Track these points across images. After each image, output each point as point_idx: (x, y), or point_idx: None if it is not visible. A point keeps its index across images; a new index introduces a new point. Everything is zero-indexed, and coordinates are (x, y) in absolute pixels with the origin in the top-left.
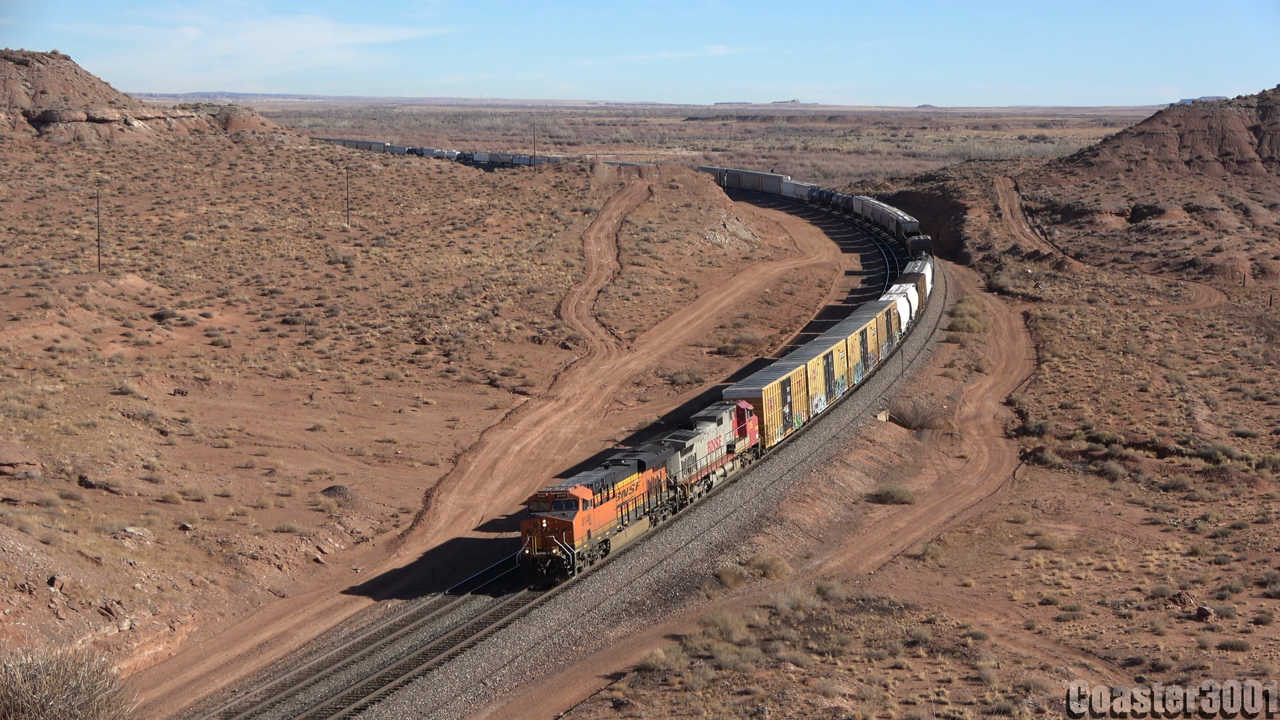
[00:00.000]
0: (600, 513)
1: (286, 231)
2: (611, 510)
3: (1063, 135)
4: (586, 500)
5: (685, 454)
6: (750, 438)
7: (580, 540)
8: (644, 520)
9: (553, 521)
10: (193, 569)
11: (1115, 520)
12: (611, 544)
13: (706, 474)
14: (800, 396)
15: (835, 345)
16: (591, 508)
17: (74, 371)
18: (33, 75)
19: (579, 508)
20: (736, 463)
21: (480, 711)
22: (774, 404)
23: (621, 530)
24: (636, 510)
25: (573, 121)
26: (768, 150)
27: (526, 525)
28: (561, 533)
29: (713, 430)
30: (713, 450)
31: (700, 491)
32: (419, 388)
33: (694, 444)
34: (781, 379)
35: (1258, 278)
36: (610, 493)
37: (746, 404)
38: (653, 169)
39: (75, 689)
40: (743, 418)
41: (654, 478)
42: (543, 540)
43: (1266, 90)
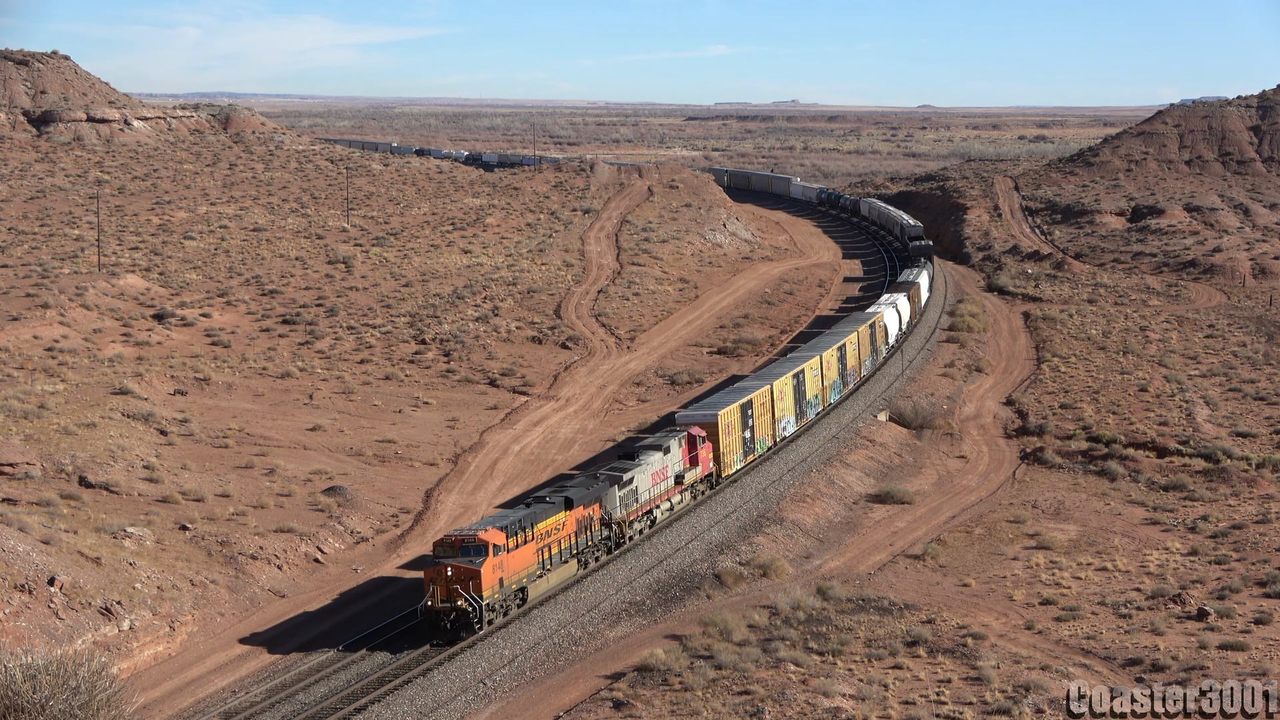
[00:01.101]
0: (516, 558)
1: (286, 231)
2: (530, 554)
3: (1063, 135)
4: (498, 545)
5: (623, 488)
6: (704, 467)
7: (490, 590)
8: (571, 564)
9: (458, 569)
10: (193, 569)
11: (1115, 520)
12: (530, 592)
13: (649, 508)
14: (764, 420)
15: (808, 363)
16: (504, 553)
17: (74, 371)
18: (33, 75)
19: (489, 554)
20: (686, 495)
21: (480, 711)
22: (732, 429)
23: (542, 576)
24: (562, 553)
25: (573, 121)
26: (768, 150)
27: (430, 573)
28: (468, 582)
29: (658, 460)
30: (658, 482)
31: (642, 529)
32: (419, 388)
33: (634, 476)
34: (742, 401)
35: (1258, 278)
36: (529, 535)
37: (699, 430)
38: (653, 169)
39: (75, 689)
40: (694, 445)
41: (584, 515)
42: (447, 590)
43: (1266, 90)
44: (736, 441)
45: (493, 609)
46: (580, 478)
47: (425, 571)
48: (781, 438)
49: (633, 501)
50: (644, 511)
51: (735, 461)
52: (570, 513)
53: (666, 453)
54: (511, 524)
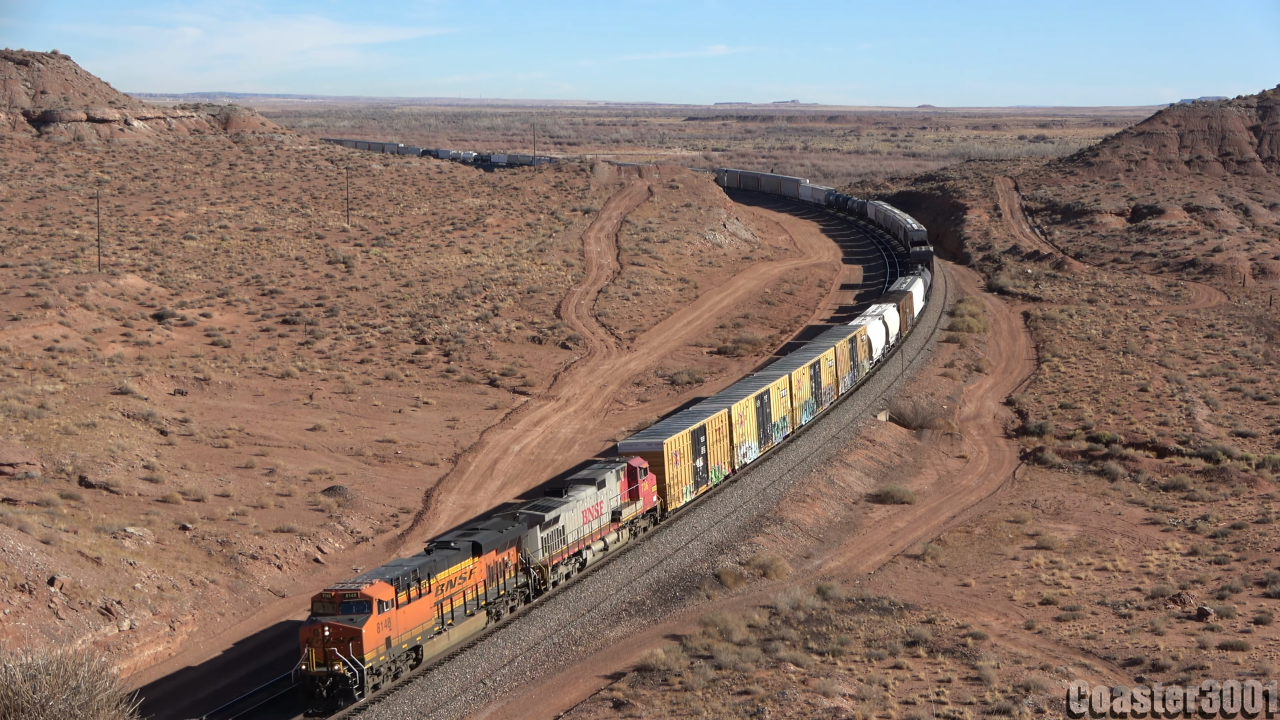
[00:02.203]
0: (408, 614)
1: (286, 231)
2: (426, 609)
3: (1063, 135)
4: (384, 600)
5: (546, 528)
6: (645, 501)
7: (374, 652)
8: (479, 616)
9: (336, 629)
10: (193, 569)
11: (1115, 520)
12: (425, 651)
13: (578, 549)
14: (720, 446)
15: (774, 383)
16: (392, 609)
17: (74, 371)
18: (33, 75)
19: (373, 610)
20: (624, 533)
21: (480, 711)
22: (680, 458)
23: (442, 632)
24: (467, 605)
25: (573, 121)
26: (768, 150)
27: (305, 633)
28: (348, 643)
29: (590, 496)
30: (589, 520)
31: (569, 572)
32: (419, 388)
33: (560, 514)
34: (693, 428)
35: (1258, 278)
36: (425, 586)
37: (641, 461)
38: (653, 169)
39: (75, 689)
40: (634, 477)
41: (497, 561)
42: (323, 653)
43: (1266, 90)
44: (686, 471)
45: (377, 673)
46: (496, 518)
47: (301, 631)
48: (742, 465)
49: (558, 543)
50: (572, 553)
51: (684, 494)
52: (479, 559)
53: (600, 487)
54: (404, 575)
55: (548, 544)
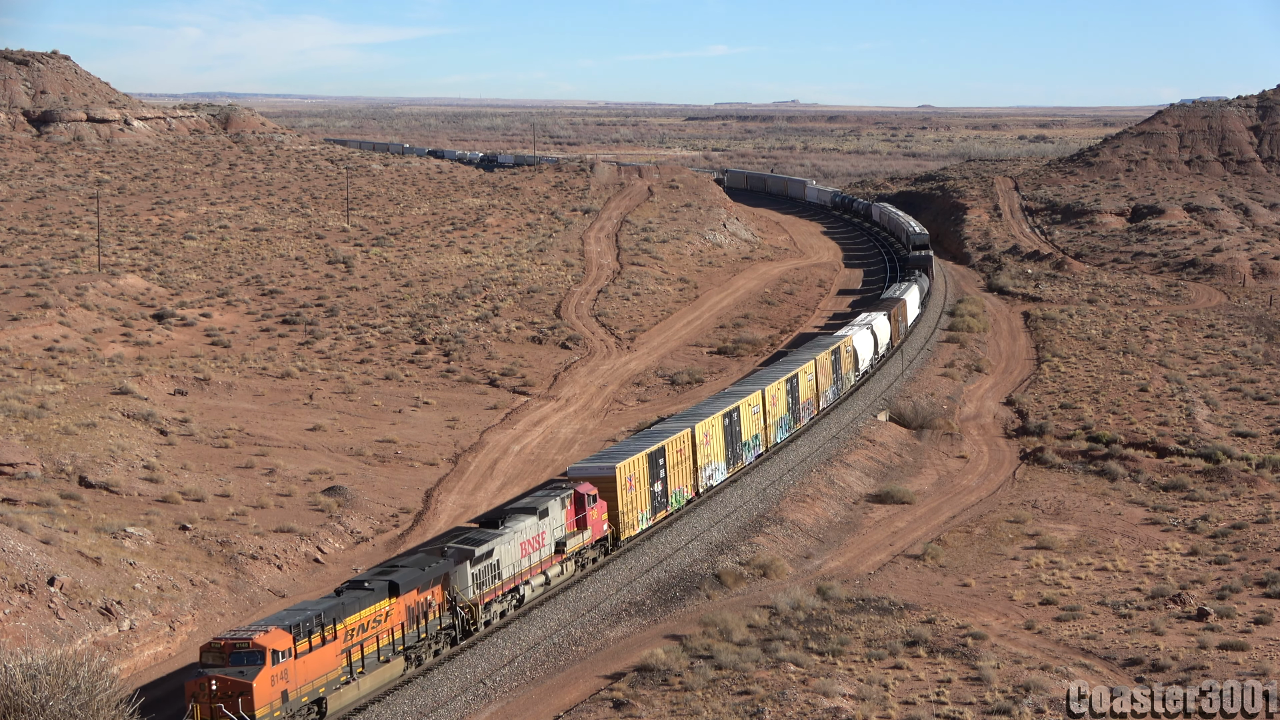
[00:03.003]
0: (309, 664)
1: (286, 231)
2: (331, 657)
3: (1063, 135)
4: (280, 650)
5: (478, 563)
6: (595, 530)
7: (267, 707)
8: (396, 663)
9: (224, 683)
10: (193, 569)
11: (1115, 520)
12: (330, 703)
13: (515, 585)
14: (682, 469)
15: (745, 399)
16: (289, 659)
17: (74, 371)
18: (33, 75)
19: (265, 661)
20: (570, 564)
21: (480, 711)
22: (636, 482)
23: (350, 682)
24: (382, 650)
25: (573, 121)
26: (768, 150)
27: (191, 687)
28: (237, 699)
29: (530, 526)
30: (530, 552)
31: (504, 610)
32: (419, 388)
33: (495, 547)
34: (650, 450)
35: (1258, 278)
36: (330, 633)
37: (589, 487)
38: (653, 169)
39: (75, 689)
40: (582, 505)
41: (419, 601)
42: (209, 709)
43: (1266, 90)
44: (642, 497)
45: None
46: (421, 554)
47: (186, 684)
48: (707, 488)
49: (492, 579)
50: (507, 590)
51: (639, 521)
52: (397, 600)
53: (543, 516)
54: (305, 620)
55: (479, 580)
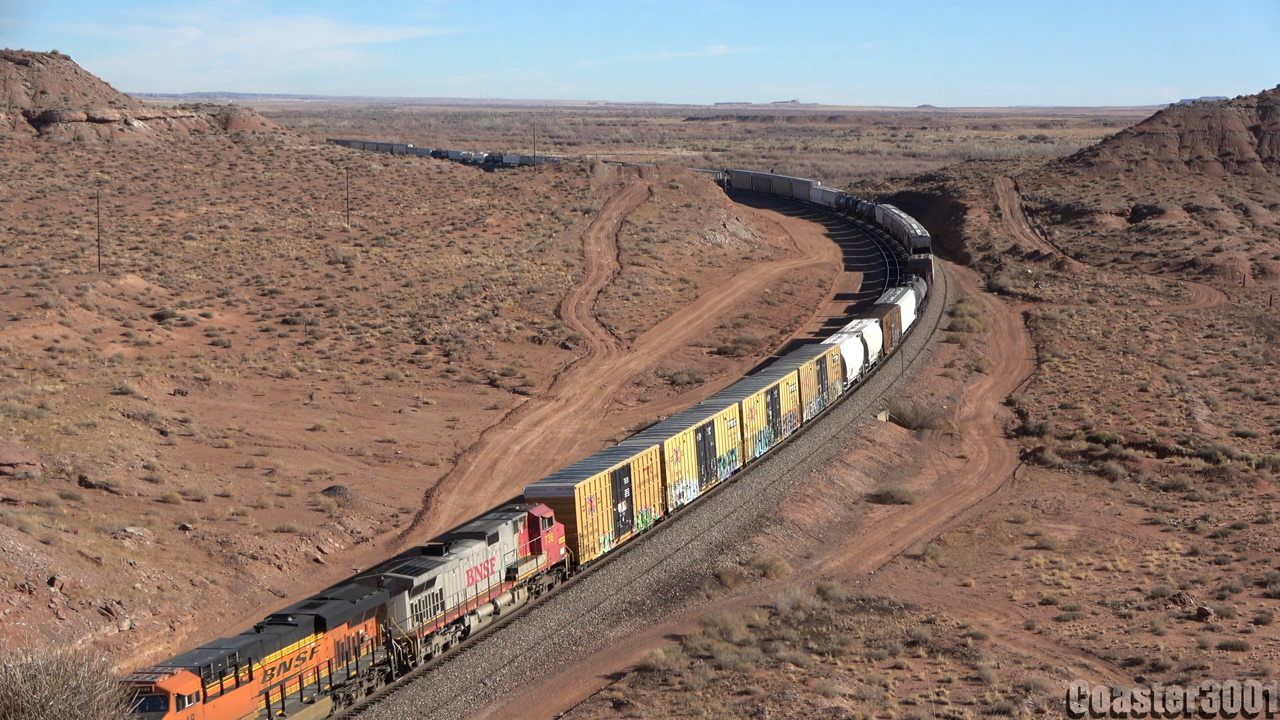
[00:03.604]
0: (220, 708)
1: (286, 231)
2: (246, 700)
3: (1063, 135)
4: (185, 695)
5: (418, 593)
6: (551, 554)
7: None
8: (323, 703)
9: None
10: (193, 569)
11: (1115, 520)
12: None
13: (461, 615)
14: (649, 488)
15: (720, 413)
16: (196, 704)
17: (74, 371)
18: (33, 75)
19: (170, 707)
20: (522, 592)
21: (480, 711)
22: (597, 503)
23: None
24: (306, 690)
25: (573, 121)
26: (768, 150)
27: None
28: None
29: (477, 552)
30: (477, 580)
31: (447, 643)
32: (419, 388)
33: (437, 576)
34: (614, 468)
35: (1258, 278)
36: (246, 673)
37: (545, 509)
38: (653, 169)
39: (75, 689)
40: (537, 528)
41: (350, 636)
42: None
43: (1266, 90)
44: (604, 518)
45: None
46: (355, 584)
47: None
48: (678, 506)
49: (434, 609)
50: (452, 620)
51: (601, 544)
52: (324, 635)
53: (492, 541)
54: (217, 661)
55: (420, 611)
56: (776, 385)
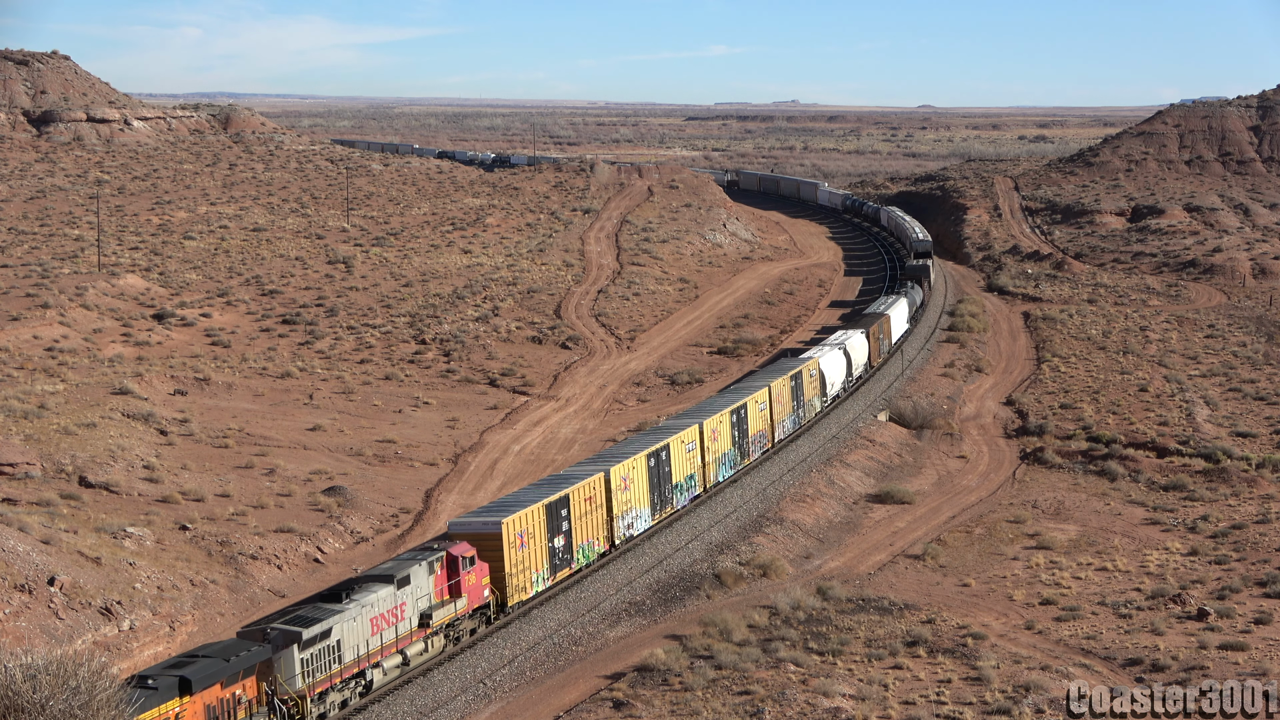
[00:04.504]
0: None
1: (286, 231)
2: None
3: (1063, 135)
4: None
5: (309, 646)
6: (472, 597)
7: None
8: None
9: None
10: (193, 569)
11: (1115, 520)
12: None
13: (363, 668)
14: (592, 519)
15: (677, 435)
16: None
17: (74, 371)
18: (33, 75)
19: None
20: (438, 639)
21: (480, 711)
22: (529, 539)
23: None
24: None
25: (573, 121)
26: (768, 150)
27: None
28: None
29: (384, 598)
30: (384, 628)
31: (345, 700)
32: (419, 388)
33: (334, 626)
34: (549, 500)
35: (1258, 278)
36: None
37: (466, 548)
38: (653, 169)
39: (75, 689)
40: (456, 569)
41: (222, 698)
42: None
43: (1266, 90)
44: (537, 555)
45: None
46: (234, 640)
47: None
48: (626, 538)
49: (329, 663)
50: (351, 675)
51: (534, 583)
52: (192, 699)
53: (402, 585)
54: None
55: (312, 666)
56: (744, 404)
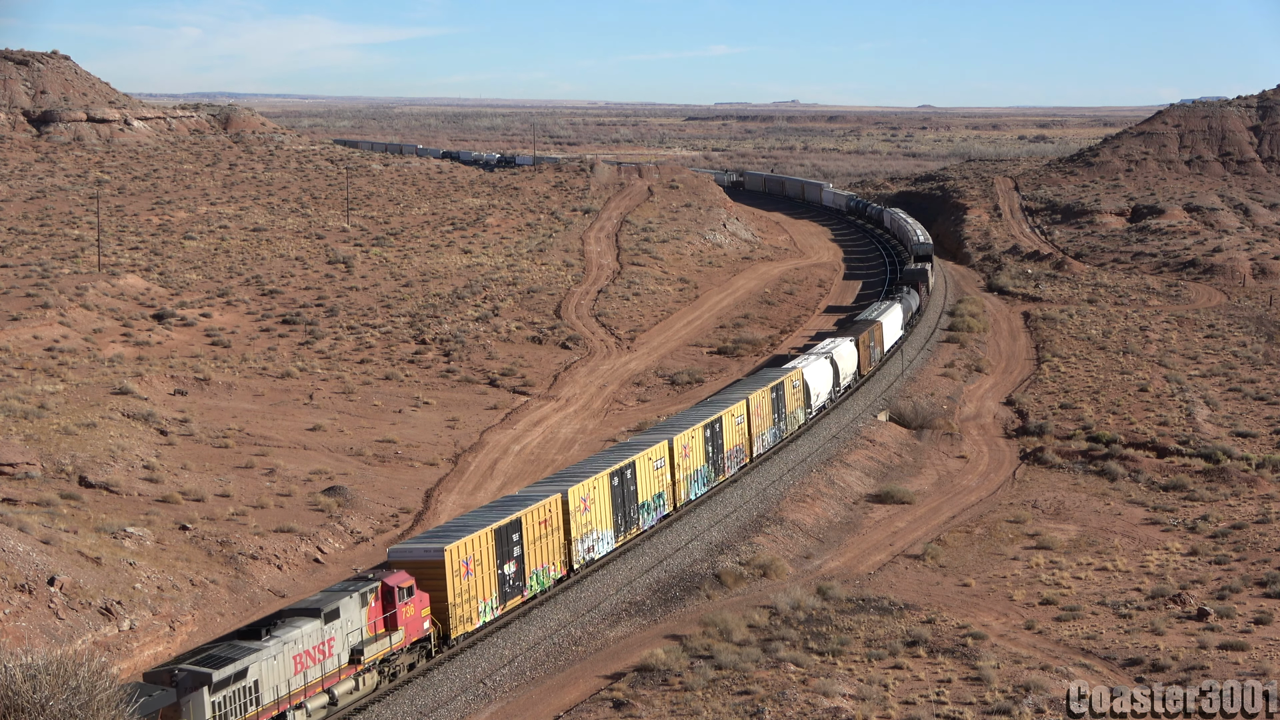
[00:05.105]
0: None
1: (286, 231)
2: None
3: (1063, 135)
4: None
5: (221, 689)
6: (411, 629)
7: None
8: None
9: None
10: (193, 569)
11: (1115, 520)
12: None
13: (283, 710)
14: (548, 543)
15: (644, 453)
16: None
17: (74, 371)
18: (33, 75)
19: None
20: (371, 676)
21: (480, 711)
22: (475, 566)
23: None
24: None
25: (573, 121)
26: (768, 150)
27: None
28: None
29: (311, 633)
30: (309, 666)
31: None
32: (419, 388)
33: (250, 666)
34: (498, 524)
35: (1258, 278)
36: None
37: (404, 577)
38: (653, 169)
39: (75, 689)
40: (391, 600)
41: None
42: None
43: (1266, 90)
44: (484, 583)
45: None
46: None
47: None
48: (586, 562)
49: (245, 706)
50: (271, 717)
51: (480, 613)
52: None
53: (330, 619)
54: None
55: (225, 710)
56: (719, 418)
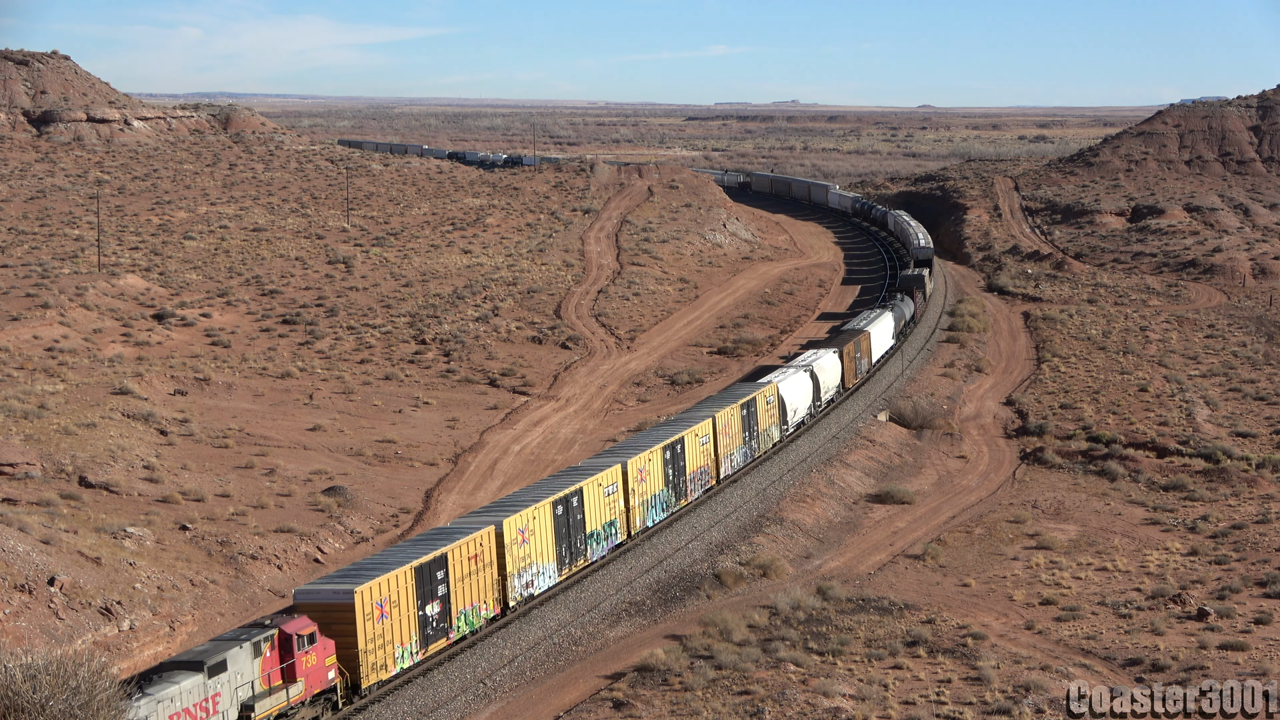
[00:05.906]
0: None
1: (286, 231)
2: None
3: (1063, 135)
4: None
5: None
6: (313, 680)
7: None
8: None
9: None
10: (193, 569)
11: (1115, 520)
12: None
13: None
14: (478, 580)
15: (597, 477)
16: None
17: (74, 371)
18: (33, 75)
19: None
20: None
21: (480, 711)
22: (393, 607)
23: None
24: None
25: (573, 121)
26: (768, 150)
27: None
28: None
29: (192, 689)
30: None
31: None
32: (419, 388)
33: None
34: (420, 561)
35: (1258, 278)
36: None
37: (305, 624)
38: (653, 169)
39: (75, 689)
40: (290, 649)
41: None
42: None
43: (1266, 90)
44: (403, 627)
45: None
46: None
47: None
48: (525, 599)
49: None
50: None
51: (396, 659)
52: None
53: (215, 672)
54: None
55: None
56: (680, 439)
